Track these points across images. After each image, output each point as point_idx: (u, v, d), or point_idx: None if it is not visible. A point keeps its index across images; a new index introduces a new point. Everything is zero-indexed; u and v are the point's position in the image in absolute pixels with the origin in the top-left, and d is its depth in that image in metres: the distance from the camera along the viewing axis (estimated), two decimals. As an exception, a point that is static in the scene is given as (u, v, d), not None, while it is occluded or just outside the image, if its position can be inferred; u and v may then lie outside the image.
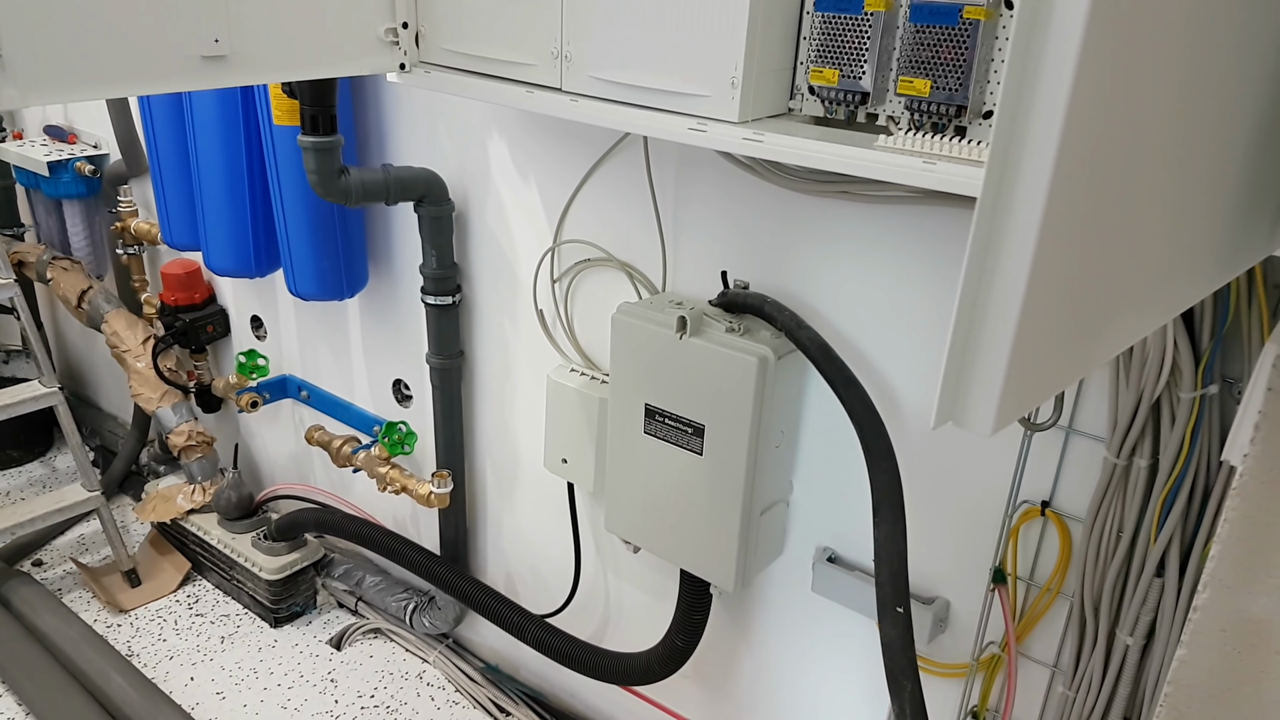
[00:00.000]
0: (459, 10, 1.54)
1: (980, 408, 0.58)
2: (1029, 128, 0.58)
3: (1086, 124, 0.59)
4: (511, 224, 2.17)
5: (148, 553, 3.17)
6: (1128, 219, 0.68)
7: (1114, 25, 0.57)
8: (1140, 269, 0.73)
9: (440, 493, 2.43)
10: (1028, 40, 0.58)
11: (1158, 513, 1.46)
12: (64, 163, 3.14)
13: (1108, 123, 0.61)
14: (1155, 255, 0.75)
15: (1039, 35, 0.58)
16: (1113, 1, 0.55)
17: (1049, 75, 0.58)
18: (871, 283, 1.65)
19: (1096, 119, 0.60)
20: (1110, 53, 0.58)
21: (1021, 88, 0.59)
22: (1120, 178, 0.65)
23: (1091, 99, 0.58)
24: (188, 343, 2.97)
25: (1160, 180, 0.71)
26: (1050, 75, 0.58)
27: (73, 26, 1.22)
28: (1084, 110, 0.57)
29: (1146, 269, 0.74)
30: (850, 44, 1.26)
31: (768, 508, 1.80)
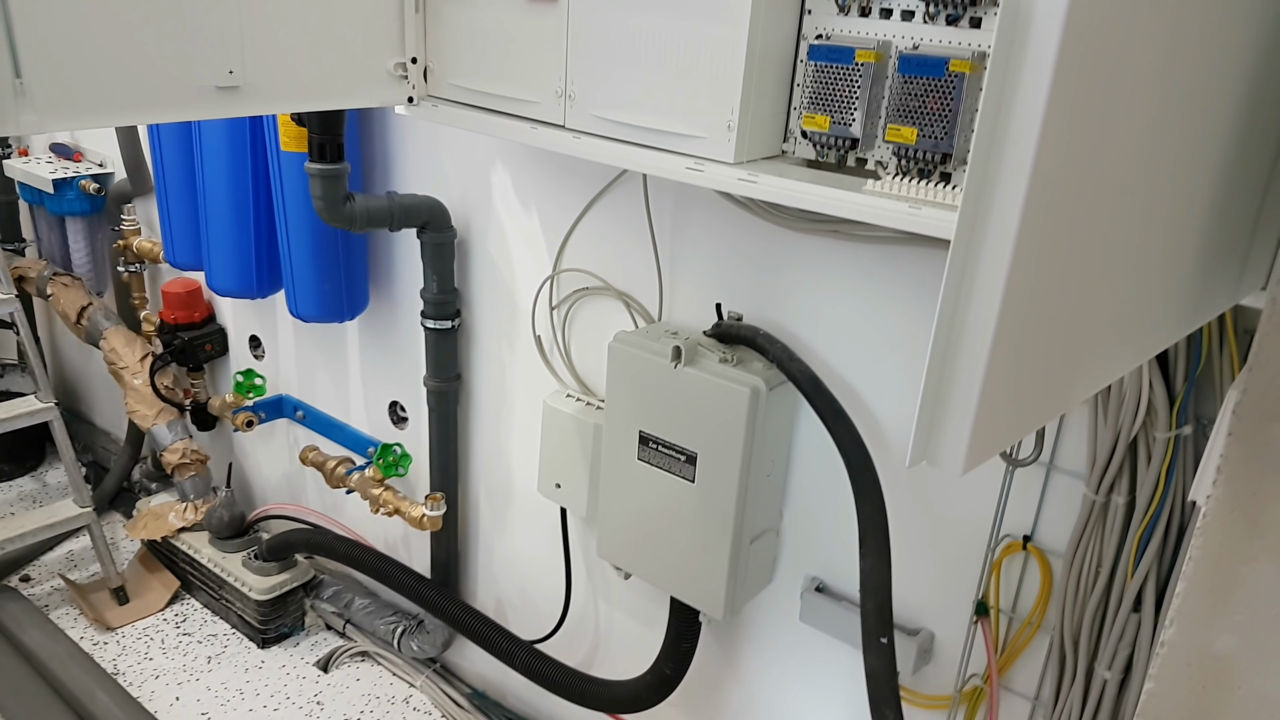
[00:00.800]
0: (467, 47, 1.59)
1: (952, 449, 0.62)
2: (999, 174, 0.63)
3: (1054, 173, 0.63)
4: (512, 252, 2.22)
5: (136, 570, 3.18)
6: (1097, 265, 0.73)
7: (1080, 82, 0.62)
8: (1111, 314, 0.78)
9: (433, 515, 2.46)
10: (999, 93, 0.63)
11: (1135, 548, 1.50)
12: (69, 180, 3.18)
13: (1075, 172, 0.66)
14: (1125, 300, 0.80)
15: (1009, 88, 0.62)
16: (1078, 61, 0.60)
17: (1018, 125, 0.62)
18: (860, 318, 1.70)
19: (1064, 169, 0.64)
20: (1077, 107, 0.63)
21: (993, 137, 0.64)
22: (1088, 226, 0.70)
23: (1059, 150, 0.62)
24: (185, 361, 3.00)
25: (1129, 228, 0.76)
26: (1019, 125, 0.62)
27: (92, 56, 1.27)
28: (1052, 160, 0.62)
29: (1117, 314, 0.79)
30: (841, 92, 1.31)
31: (758, 536, 1.84)
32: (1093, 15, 0.62)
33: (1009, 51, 0.65)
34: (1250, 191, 1.01)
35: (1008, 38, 0.65)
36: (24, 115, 1.23)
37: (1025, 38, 0.64)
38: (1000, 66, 0.66)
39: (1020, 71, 0.64)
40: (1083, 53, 0.62)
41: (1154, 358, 1.36)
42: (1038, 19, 0.64)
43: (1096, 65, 0.64)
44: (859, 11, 1.29)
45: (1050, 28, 0.62)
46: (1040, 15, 0.63)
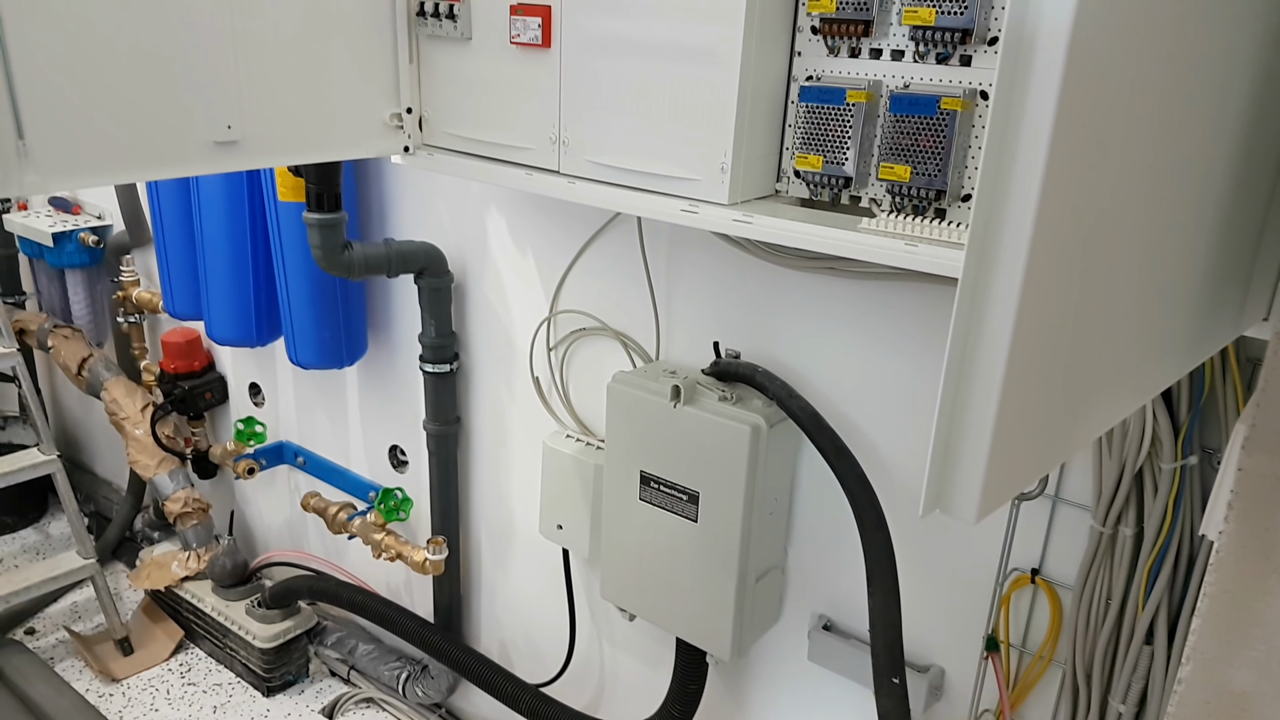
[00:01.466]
0: (461, 96, 1.60)
1: (965, 496, 0.62)
2: (1005, 215, 0.63)
3: (1059, 210, 0.63)
4: (509, 294, 2.22)
5: (140, 620, 3.15)
6: (1103, 304, 0.73)
7: (1082, 116, 0.62)
8: (1117, 353, 0.77)
9: (435, 559, 2.44)
10: (1002, 134, 0.63)
11: (1145, 580, 1.49)
12: (68, 233, 3.19)
13: (1080, 209, 0.66)
14: (1131, 338, 0.79)
15: (1012, 130, 0.63)
16: (1080, 95, 0.60)
17: (1022, 165, 0.62)
18: (858, 353, 1.70)
19: (1069, 205, 0.64)
20: (1080, 142, 0.63)
21: (997, 178, 0.64)
22: (1094, 265, 0.70)
23: (1064, 187, 0.62)
24: (186, 410, 2.99)
25: (1133, 265, 0.76)
26: (1024, 164, 0.62)
27: (93, 116, 1.28)
28: (1057, 197, 0.62)
29: (1123, 352, 0.78)
30: (833, 132, 1.32)
31: (763, 574, 1.82)
32: (1093, 48, 0.62)
33: (1011, 85, 0.65)
34: (1249, 224, 1.01)
35: (1010, 71, 0.65)
36: (27, 176, 1.23)
37: (1028, 71, 0.63)
38: (1003, 102, 0.66)
39: (1024, 106, 0.64)
40: (1085, 87, 0.62)
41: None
42: (1039, 52, 0.63)
43: (1098, 99, 0.65)
44: (849, 53, 1.30)
45: (1052, 59, 0.62)
46: (1042, 47, 0.63)
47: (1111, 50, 0.65)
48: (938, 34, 1.20)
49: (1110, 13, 0.63)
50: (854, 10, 1.26)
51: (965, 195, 1.26)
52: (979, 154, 1.23)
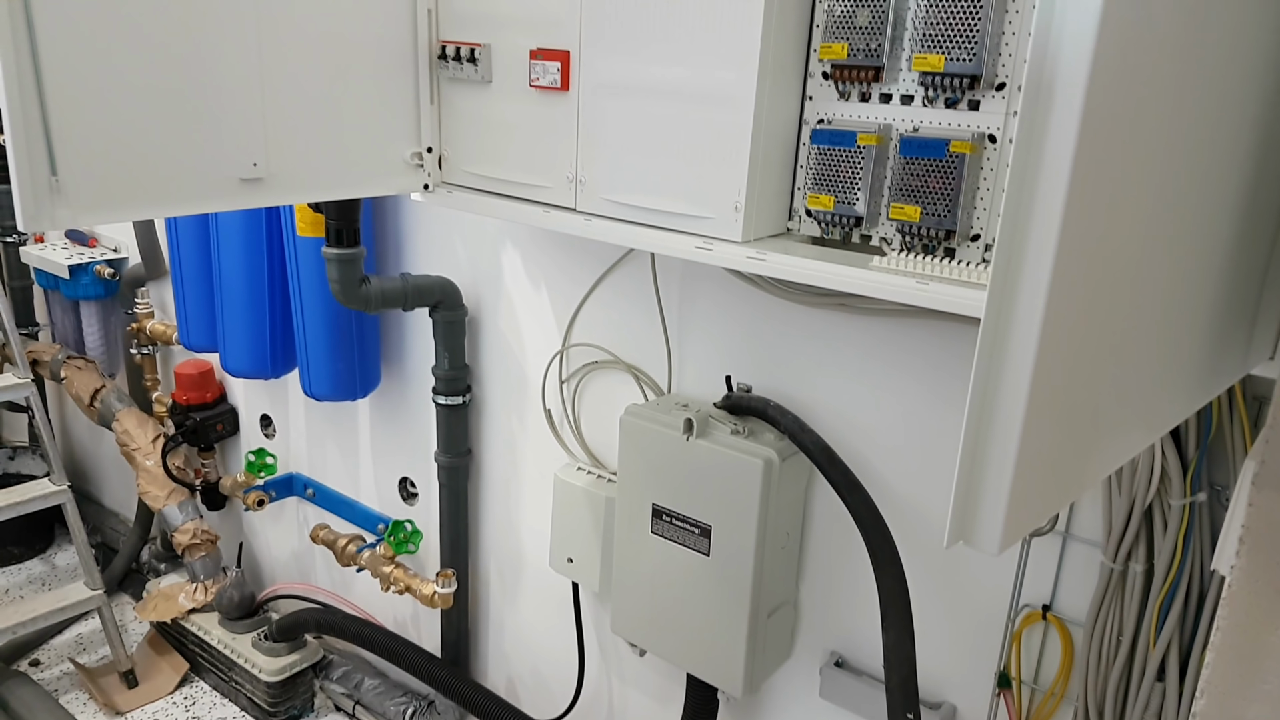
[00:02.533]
0: (480, 136, 1.64)
1: (988, 529, 0.64)
2: (1025, 256, 0.65)
3: (1077, 254, 0.66)
4: (522, 328, 2.25)
5: (146, 653, 3.15)
6: (1117, 344, 0.75)
7: (1098, 159, 0.65)
8: (1131, 390, 0.80)
9: (444, 593, 2.45)
10: (1021, 178, 0.66)
11: (1156, 617, 1.49)
12: (84, 265, 3.23)
13: (1096, 253, 0.69)
14: (1143, 377, 0.82)
15: (1031, 174, 0.65)
16: (1096, 146, 0.63)
17: (1041, 208, 0.65)
18: (869, 388, 1.72)
19: (1086, 249, 0.67)
20: (1096, 185, 0.65)
21: (1016, 221, 0.66)
22: (1109, 305, 0.72)
23: (1080, 231, 0.65)
24: (197, 441, 3.01)
25: (1146, 304, 0.78)
26: (1042, 207, 0.65)
27: (124, 153, 1.31)
28: (1075, 238, 0.64)
29: (1137, 390, 0.81)
30: (844, 173, 1.35)
31: (775, 609, 1.83)
32: (1109, 95, 0.65)
33: (1030, 131, 0.67)
34: (1254, 265, 1.04)
35: (1029, 118, 0.68)
36: (59, 210, 1.27)
37: (1047, 117, 0.66)
38: (1024, 148, 0.68)
39: (1043, 151, 0.66)
40: (1101, 132, 0.64)
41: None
42: (1059, 96, 0.66)
43: (1114, 144, 0.67)
44: (859, 97, 1.34)
45: (1070, 105, 0.64)
46: (1061, 91, 0.66)
47: (1127, 97, 0.68)
48: (947, 80, 1.23)
49: (1125, 62, 0.66)
50: (865, 57, 1.29)
51: (974, 235, 1.29)
52: (987, 195, 1.26)
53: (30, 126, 1.21)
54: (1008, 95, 1.21)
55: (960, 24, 1.20)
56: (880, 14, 1.26)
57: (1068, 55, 0.62)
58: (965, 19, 1.20)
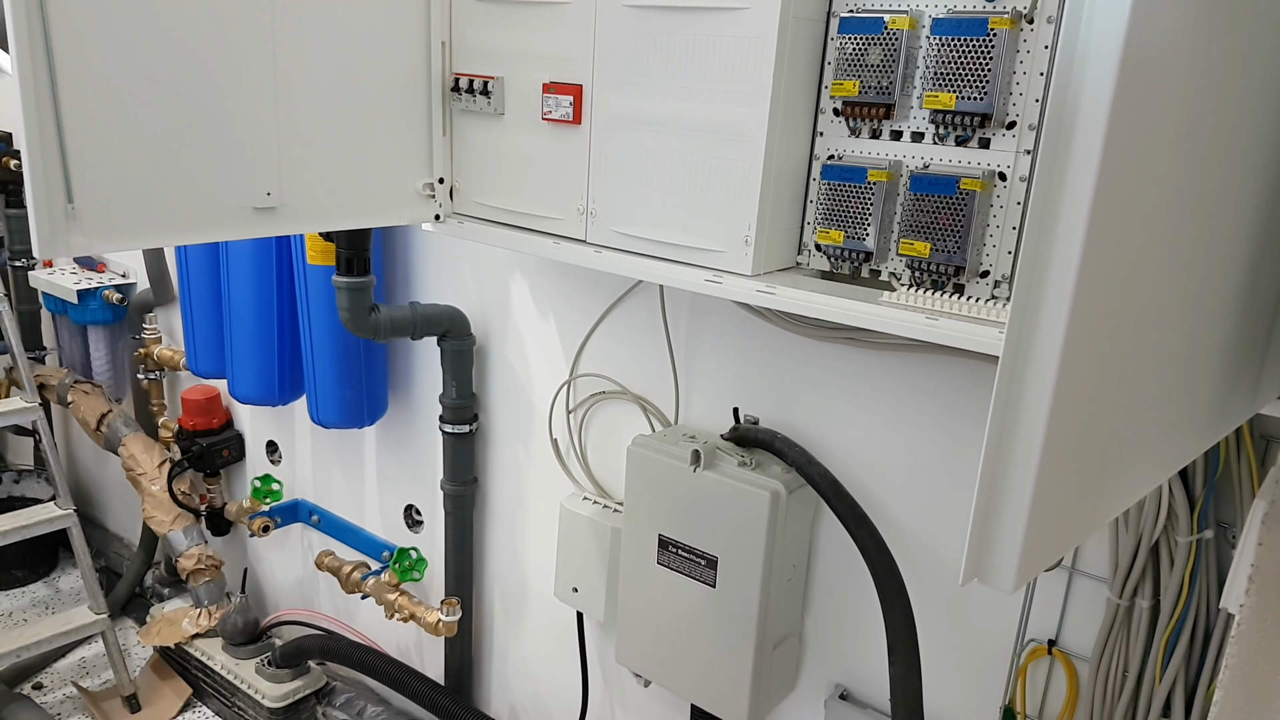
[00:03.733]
0: (492, 168, 1.66)
1: (1003, 566, 0.65)
2: (1044, 296, 0.66)
3: (1094, 293, 0.66)
4: (530, 357, 2.26)
5: (149, 677, 3.13)
6: (1131, 382, 0.76)
7: (1116, 204, 0.66)
8: (1144, 429, 0.80)
9: (449, 621, 2.44)
10: (1041, 217, 0.66)
11: (1162, 653, 1.49)
12: (93, 290, 3.25)
13: (1113, 293, 0.70)
14: (1156, 416, 0.82)
15: (1050, 214, 0.66)
16: (1114, 186, 0.64)
17: (1060, 247, 0.65)
18: (876, 422, 1.72)
19: (1103, 289, 0.68)
20: (1114, 230, 0.66)
21: (1035, 261, 0.67)
22: (1124, 344, 0.73)
23: (1098, 271, 0.66)
24: (203, 467, 3.02)
25: (1159, 346, 0.79)
26: (1062, 247, 0.65)
27: (139, 181, 1.33)
28: (1092, 280, 0.65)
29: (1149, 429, 0.81)
30: (854, 209, 1.37)
31: (780, 641, 1.82)
32: (1128, 137, 0.66)
33: (1050, 170, 0.68)
34: (1264, 305, 1.05)
35: (1049, 159, 0.68)
36: (74, 238, 1.28)
37: (1067, 157, 0.66)
38: (1044, 187, 0.69)
39: (1063, 190, 0.67)
40: (1120, 172, 0.65)
41: (1171, 461, 1.38)
42: (1079, 136, 0.67)
43: (1132, 185, 0.68)
44: (870, 134, 1.36)
45: (1090, 146, 0.65)
46: (1081, 130, 0.66)
47: (1145, 136, 0.68)
48: (958, 118, 1.25)
49: (1144, 102, 0.67)
50: (876, 94, 1.31)
51: (983, 271, 1.30)
52: (997, 232, 1.27)
53: (47, 154, 1.23)
54: (1018, 133, 1.23)
55: (972, 63, 1.22)
56: (892, 52, 1.28)
57: (1089, 95, 0.63)
58: (977, 58, 1.21)
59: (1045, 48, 1.19)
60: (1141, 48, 0.63)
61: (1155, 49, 0.65)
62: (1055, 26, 1.18)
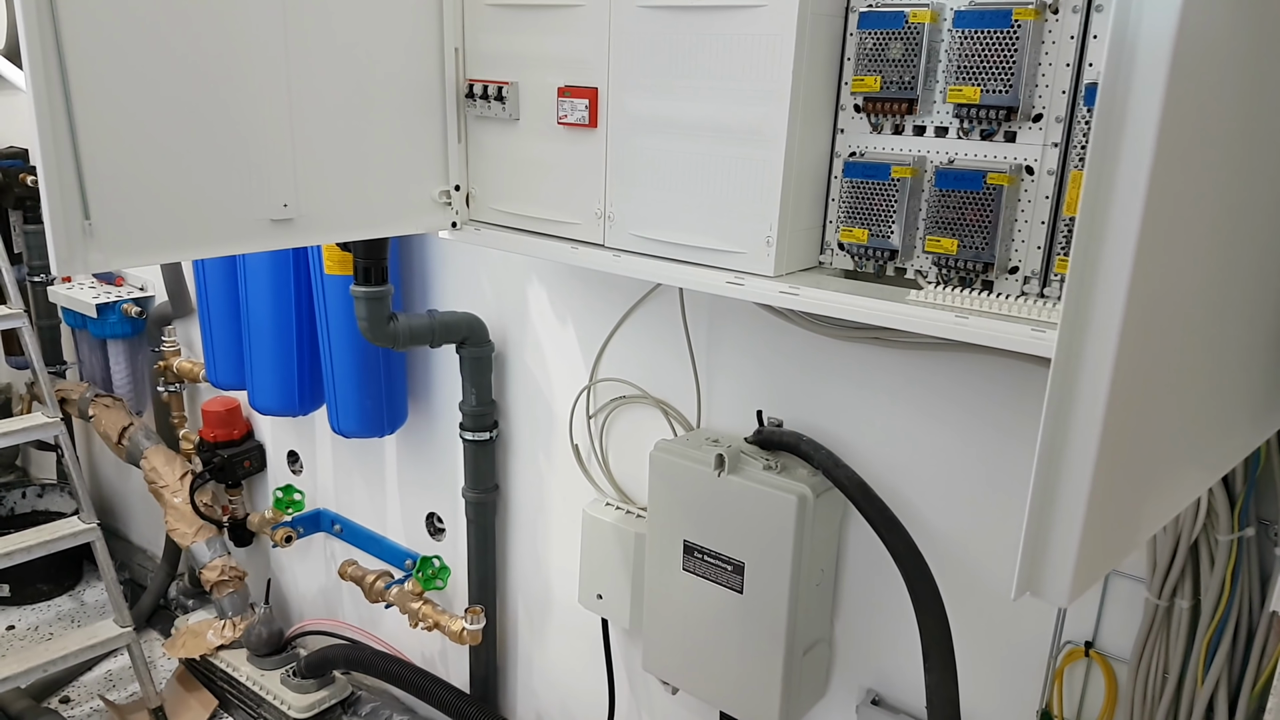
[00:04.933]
0: (508, 174, 1.64)
1: (1057, 580, 0.62)
2: (1095, 296, 0.63)
3: (1146, 294, 0.64)
4: (549, 363, 2.24)
5: (174, 689, 3.14)
6: (1181, 384, 0.73)
7: (1168, 201, 0.63)
8: (1192, 432, 0.78)
9: (473, 629, 2.43)
10: (1090, 218, 0.64)
11: (1203, 654, 1.46)
12: (111, 304, 3.26)
13: (1163, 293, 0.67)
14: (1204, 417, 0.80)
15: (1101, 210, 0.63)
16: (1167, 182, 0.61)
17: (1112, 244, 0.63)
18: (903, 423, 1.70)
19: (1154, 289, 0.65)
20: (1165, 227, 0.64)
21: (1086, 261, 0.64)
22: (1173, 346, 0.71)
23: (1150, 270, 0.63)
24: (225, 478, 3.02)
25: (1207, 348, 0.76)
26: (1114, 243, 0.63)
27: (156, 197, 1.32)
28: (1144, 280, 0.63)
29: (1196, 431, 0.79)
30: (878, 206, 1.34)
31: (810, 647, 1.80)
32: (1181, 122, 0.63)
33: (1101, 165, 0.65)
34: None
35: (1100, 149, 0.65)
36: (92, 254, 1.27)
37: (1118, 148, 0.64)
38: (1094, 183, 0.66)
39: (1114, 184, 0.64)
40: (1171, 163, 0.63)
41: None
42: (1130, 128, 0.64)
43: (1183, 175, 0.65)
44: (892, 129, 1.33)
45: (1144, 134, 0.62)
46: (1132, 122, 0.63)
47: (1196, 132, 0.66)
48: (982, 111, 1.22)
49: (1195, 91, 0.64)
50: (898, 89, 1.29)
51: (1012, 267, 1.27)
52: (1025, 227, 1.24)
53: (63, 171, 1.22)
54: (1045, 126, 1.20)
55: (996, 56, 1.19)
56: (913, 46, 1.26)
57: (1139, 85, 0.61)
58: (1001, 50, 1.19)
59: (1071, 38, 1.17)
60: (1193, 37, 0.60)
61: (1206, 38, 0.62)
62: (1081, 17, 1.16)
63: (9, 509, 3.89)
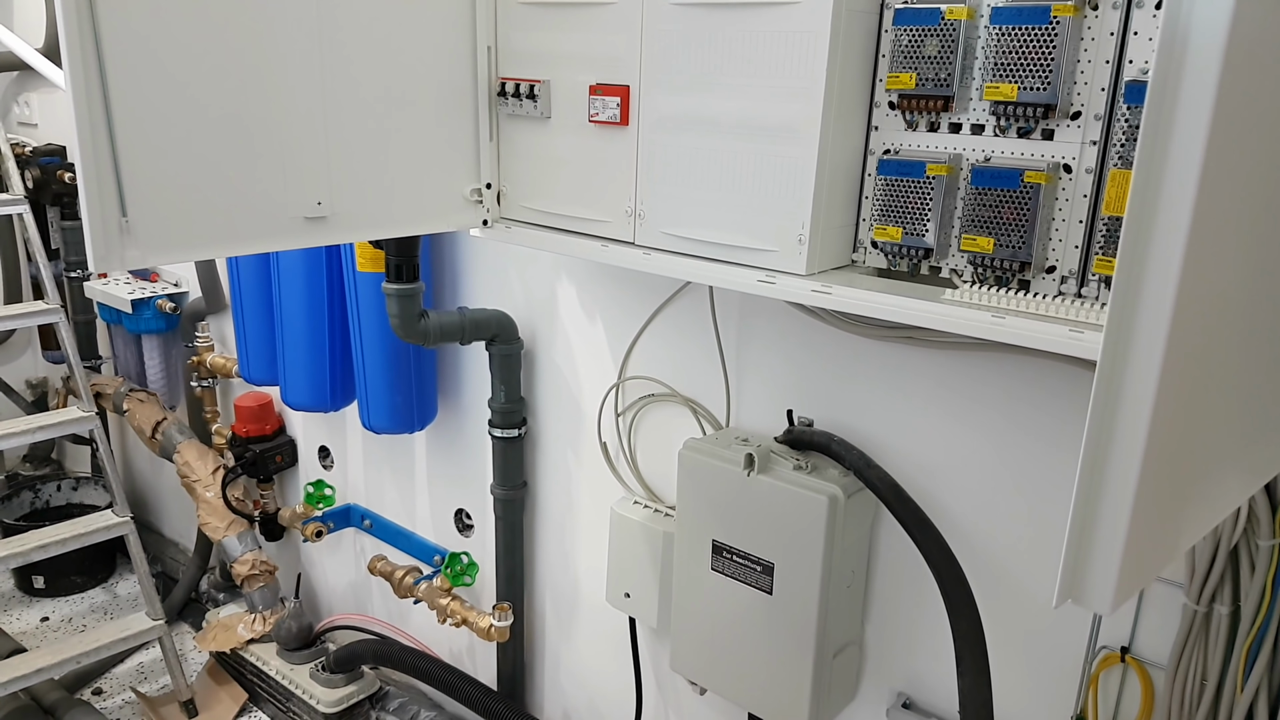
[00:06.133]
0: (539, 171, 1.64)
1: (1100, 587, 0.61)
2: (1142, 297, 0.62)
3: (1194, 294, 0.62)
4: (578, 361, 2.24)
5: (205, 682, 3.17)
6: (1226, 386, 0.72)
7: (1217, 198, 0.62)
8: (1236, 436, 0.76)
9: (501, 626, 2.43)
10: (1138, 219, 0.62)
11: (1243, 661, 1.43)
12: (146, 300, 3.30)
13: (1210, 293, 0.65)
14: (1249, 421, 0.78)
15: (1147, 217, 0.62)
16: (1216, 180, 0.60)
17: (1160, 244, 0.61)
18: (937, 423, 1.68)
19: (1202, 290, 0.64)
20: (1212, 226, 0.62)
21: (1133, 260, 0.62)
22: (1220, 345, 0.69)
23: (1198, 270, 0.62)
24: (256, 473, 3.05)
25: (1250, 350, 0.75)
26: (1161, 247, 0.61)
27: (191, 194, 1.33)
28: (1192, 280, 0.61)
29: (1242, 435, 0.77)
30: (913, 204, 1.33)
31: (840, 649, 1.78)
32: (1231, 119, 0.61)
33: (1149, 168, 0.63)
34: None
35: (1149, 146, 0.64)
36: (129, 251, 1.29)
37: (1167, 146, 0.62)
38: (1141, 185, 0.65)
39: (1162, 184, 0.63)
40: (1222, 155, 0.61)
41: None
42: (1179, 125, 0.62)
43: (1233, 166, 0.64)
44: (928, 127, 1.32)
45: (1195, 132, 0.60)
46: (1182, 120, 0.62)
47: (1246, 127, 0.64)
48: (1020, 109, 1.21)
49: (1247, 89, 0.63)
50: (934, 86, 1.27)
51: (1049, 266, 1.25)
52: (1063, 226, 1.23)
53: (101, 169, 1.23)
54: (1083, 124, 1.18)
55: (1034, 52, 1.17)
56: (949, 43, 1.24)
57: (1191, 82, 0.59)
58: (1039, 47, 1.17)
59: (1111, 34, 1.15)
60: (1245, 34, 0.58)
61: (1258, 36, 0.61)
62: (1121, 13, 1.14)
63: (44, 502, 3.95)
